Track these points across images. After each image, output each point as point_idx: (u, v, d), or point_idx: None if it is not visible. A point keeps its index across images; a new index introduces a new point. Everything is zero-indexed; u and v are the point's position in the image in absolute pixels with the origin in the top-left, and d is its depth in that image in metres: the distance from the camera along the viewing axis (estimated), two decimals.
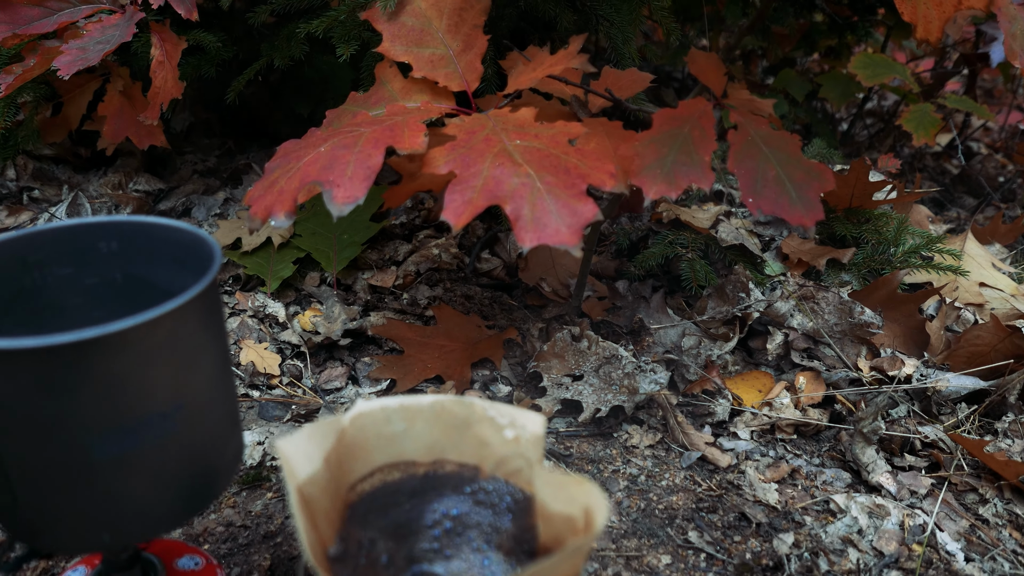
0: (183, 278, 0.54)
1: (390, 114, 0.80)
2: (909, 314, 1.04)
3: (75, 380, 0.40)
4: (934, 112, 1.69)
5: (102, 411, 0.42)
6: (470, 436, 0.55)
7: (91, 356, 0.40)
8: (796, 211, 0.74)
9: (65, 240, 0.53)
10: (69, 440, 0.41)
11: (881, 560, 0.74)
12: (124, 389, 0.42)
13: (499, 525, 0.53)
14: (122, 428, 0.42)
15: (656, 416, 0.92)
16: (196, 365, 0.46)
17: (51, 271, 0.53)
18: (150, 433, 0.44)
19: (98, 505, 0.44)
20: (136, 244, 0.54)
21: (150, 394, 0.43)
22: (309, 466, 0.47)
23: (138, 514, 0.46)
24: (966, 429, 0.93)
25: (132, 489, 0.45)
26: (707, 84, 0.81)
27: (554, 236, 0.65)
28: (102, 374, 0.41)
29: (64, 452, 0.41)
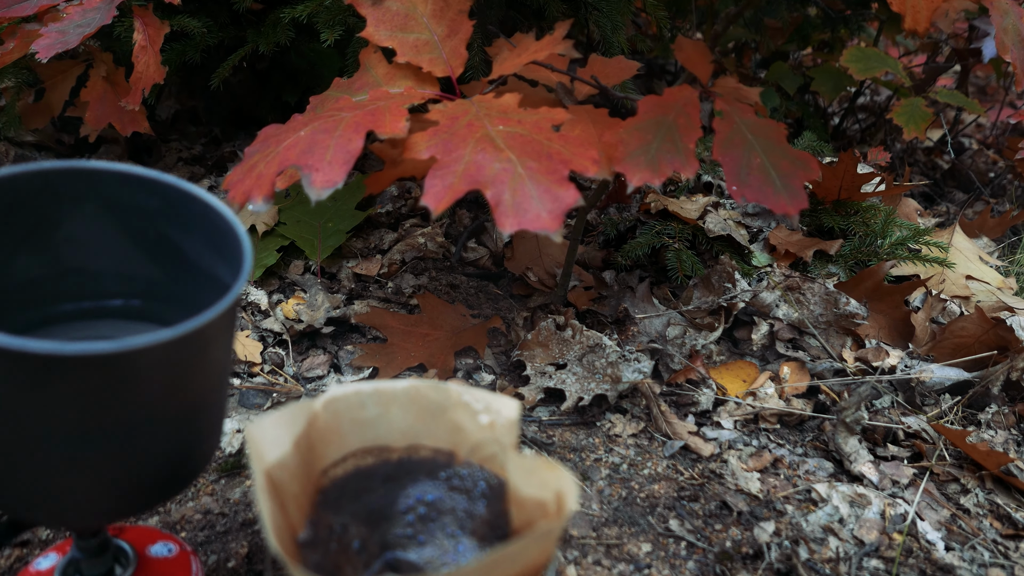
0: (211, 259, 0.52)
1: (373, 99, 0.79)
2: (895, 305, 1.04)
3: (96, 385, 0.38)
4: (925, 107, 1.68)
5: (105, 411, 0.40)
6: (445, 421, 0.55)
7: (120, 366, 0.38)
8: (780, 200, 0.74)
9: (108, 183, 0.50)
10: (32, 436, 0.40)
11: (861, 549, 0.74)
12: (133, 393, 0.40)
13: (473, 511, 0.53)
14: (118, 427, 0.41)
15: (640, 405, 0.92)
16: (208, 371, 0.45)
17: (83, 208, 0.50)
18: (144, 431, 0.43)
19: (76, 489, 0.43)
20: (177, 209, 0.52)
21: (157, 398, 0.42)
22: (277, 450, 0.47)
23: (117, 498, 0.45)
24: (949, 420, 0.93)
25: (112, 477, 0.44)
26: (693, 72, 0.81)
27: (535, 222, 0.65)
28: (122, 379, 0.39)
29: (46, 441, 0.40)
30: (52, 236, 0.51)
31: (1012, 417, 0.94)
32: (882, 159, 1.50)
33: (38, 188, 0.48)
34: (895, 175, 1.79)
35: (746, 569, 0.71)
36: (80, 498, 0.44)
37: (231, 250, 0.49)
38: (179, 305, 0.55)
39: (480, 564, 0.37)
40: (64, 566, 0.56)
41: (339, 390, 0.53)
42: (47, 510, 0.44)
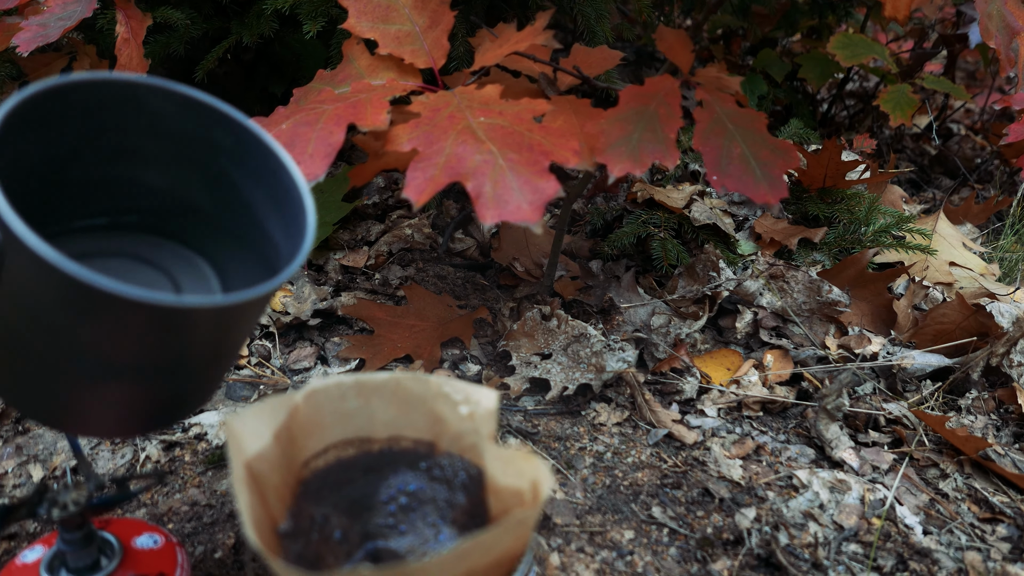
0: (268, 214, 0.52)
1: (355, 91, 0.80)
2: (878, 293, 1.05)
3: (106, 319, 0.39)
4: (911, 93, 1.69)
5: (106, 347, 0.41)
6: (426, 412, 0.56)
7: (140, 312, 0.39)
8: (760, 189, 0.75)
9: (191, 109, 0.49)
10: (64, 353, 0.41)
11: (841, 534, 0.75)
12: (140, 341, 0.41)
13: (454, 500, 0.54)
14: (114, 364, 0.42)
15: (624, 394, 0.93)
16: (218, 344, 0.46)
17: (158, 124, 0.50)
18: (137, 376, 0.44)
19: (98, 408, 0.45)
20: (249, 154, 0.51)
21: (158, 351, 0.42)
22: (258, 442, 0.47)
23: (133, 418, 0.47)
24: (930, 406, 0.94)
25: (116, 405, 0.46)
26: (675, 61, 0.81)
27: (515, 213, 0.65)
28: (135, 324, 0.40)
29: (57, 360, 0.42)
30: (120, 143, 0.50)
31: (992, 402, 0.95)
32: (867, 146, 1.51)
33: (125, 97, 0.47)
34: (880, 162, 1.80)
35: (727, 555, 0.72)
36: (102, 416, 0.46)
37: (292, 215, 0.49)
38: (220, 234, 0.56)
39: (453, 553, 0.38)
40: (50, 559, 0.56)
41: (320, 382, 0.54)
42: (72, 422, 0.47)
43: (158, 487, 0.76)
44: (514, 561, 0.46)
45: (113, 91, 0.46)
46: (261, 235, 0.53)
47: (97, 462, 0.79)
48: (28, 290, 0.38)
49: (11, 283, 0.39)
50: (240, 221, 0.54)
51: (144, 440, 0.81)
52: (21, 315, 0.40)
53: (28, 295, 0.38)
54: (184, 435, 0.82)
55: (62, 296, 0.37)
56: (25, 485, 0.76)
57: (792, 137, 1.49)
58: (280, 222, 0.51)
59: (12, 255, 0.37)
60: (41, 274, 0.36)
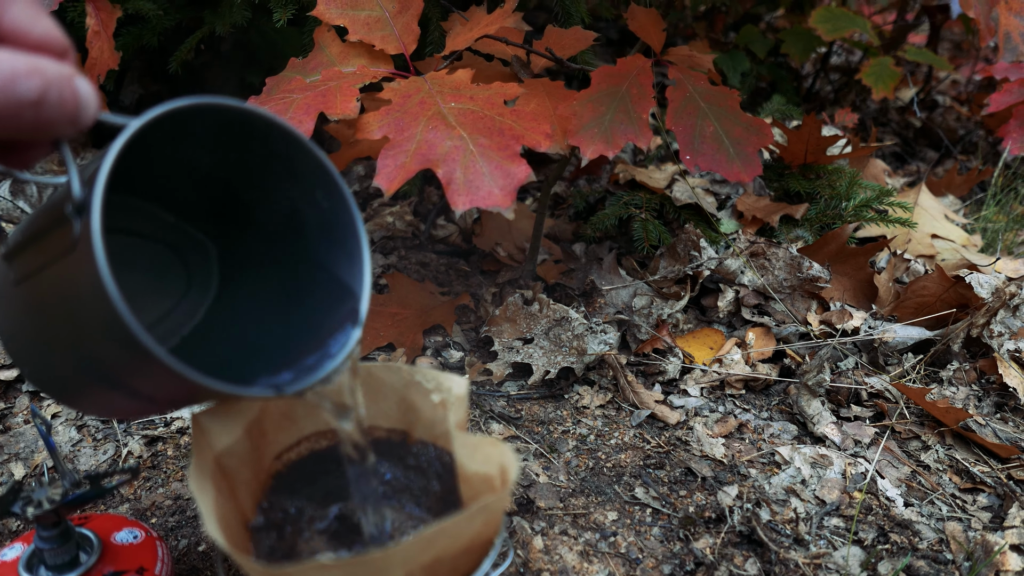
0: (330, 266, 0.51)
1: (325, 79, 0.79)
2: (859, 267, 1.05)
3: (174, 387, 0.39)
4: (894, 65, 1.68)
5: (153, 391, 0.41)
6: (398, 401, 0.55)
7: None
8: (734, 167, 0.74)
9: (308, 161, 0.47)
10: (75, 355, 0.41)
11: (822, 508, 0.76)
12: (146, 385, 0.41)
13: (428, 488, 0.54)
14: (152, 397, 0.43)
15: (607, 376, 0.93)
16: None
17: (273, 170, 0.48)
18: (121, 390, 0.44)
19: (77, 394, 0.45)
20: (337, 222, 0.49)
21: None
22: (227, 437, 0.47)
23: (116, 412, 0.47)
24: (911, 379, 0.95)
25: (118, 404, 0.46)
26: (646, 40, 0.80)
27: (487, 199, 0.65)
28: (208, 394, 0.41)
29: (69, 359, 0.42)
30: (233, 175, 0.49)
31: (973, 373, 0.96)
32: (850, 120, 1.51)
33: (261, 134, 0.46)
34: (863, 136, 1.79)
35: (709, 533, 0.73)
36: (102, 406, 0.46)
37: (352, 284, 0.48)
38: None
39: (418, 540, 0.38)
40: (28, 556, 0.56)
41: None
42: (70, 402, 0.47)
43: (138, 482, 0.76)
44: (485, 547, 0.46)
45: (246, 122, 0.45)
46: (310, 304, 0.52)
47: (79, 459, 0.79)
48: (77, 291, 0.37)
49: (66, 271, 0.38)
50: (298, 278, 0.53)
51: (126, 436, 0.81)
52: (59, 300, 0.39)
53: (75, 294, 0.38)
54: (166, 429, 0.82)
55: (107, 324, 0.37)
56: (7, 483, 0.76)
57: (774, 113, 1.49)
58: (331, 304, 0.50)
59: (81, 255, 0.36)
60: (96, 295, 0.35)
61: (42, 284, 0.40)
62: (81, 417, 0.83)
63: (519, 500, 0.75)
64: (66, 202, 0.36)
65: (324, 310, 0.49)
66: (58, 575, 0.55)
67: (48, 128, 0.32)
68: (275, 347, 0.49)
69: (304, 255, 0.52)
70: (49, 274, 0.39)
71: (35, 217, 0.42)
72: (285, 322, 0.50)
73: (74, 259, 0.36)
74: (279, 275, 0.53)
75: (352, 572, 0.37)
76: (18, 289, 0.41)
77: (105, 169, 0.35)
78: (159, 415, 0.49)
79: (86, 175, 0.36)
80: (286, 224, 0.51)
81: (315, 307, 0.50)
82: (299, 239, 0.51)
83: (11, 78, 0.30)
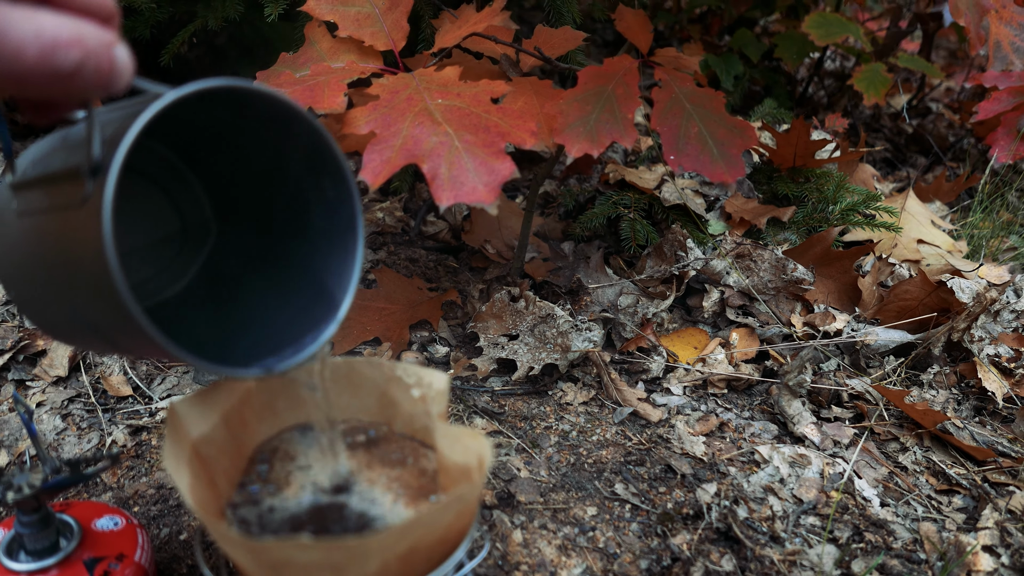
0: (323, 257, 0.52)
1: (313, 74, 0.79)
2: (844, 270, 1.06)
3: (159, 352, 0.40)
4: (885, 72, 1.69)
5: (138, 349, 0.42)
6: (379, 396, 0.56)
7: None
8: (718, 168, 0.75)
9: (320, 149, 0.47)
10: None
11: (800, 507, 0.77)
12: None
13: (407, 480, 0.54)
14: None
15: (591, 374, 0.94)
16: None
17: (288, 154, 0.49)
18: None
19: (64, 328, 0.46)
20: (342, 207, 0.50)
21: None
22: (204, 424, 0.48)
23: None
24: (892, 381, 0.96)
25: (87, 340, 0.46)
26: (633, 41, 0.81)
27: (471, 194, 0.65)
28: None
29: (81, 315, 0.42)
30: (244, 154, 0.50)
31: (953, 377, 0.97)
32: (840, 125, 1.52)
33: (285, 120, 0.47)
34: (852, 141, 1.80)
35: (687, 529, 0.74)
36: (87, 342, 0.47)
37: (345, 269, 0.50)
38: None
39: (394, 529, 0.39)
40: (8, 541, 0.57)
41: None
42: (60, 338, 0.48)
43: (121, 471, 0.77)
44: (460, 538, 0.47)
45: (280, 110, 0.46)
46: (304, 284, 0.53)
47: (63, 447, 0.79)
48: (78, 245, 0.38)
49: (70, 221, 0.38)
50: (292, 255, 0.54)
51: (111, 425, 0.82)
52: (57, 243, 0.39)
53: (75, 245, 0.38)
54: (151, 419, 0.83)
55: (100, 284, 0.37)
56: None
57: (765, 117, 1.50)
58: (320, 287, 0.51)
59: (89, 211, 0.36)
60: (95, 255, 0.36)
61: (44, 226, 0.40)
62: (66, 406, 0.83)
63: (500, 494, 0.76)
64: (83, 159, 0.36)
65: (306, 306, 0.50)
66: (38, 560, 0.55)
67: (79, 94, 0.32)
68: (255, 328, 0.50)
69: (300, 255, 0.53)
70: (53, 218, 0.39)
71: (48, 153, 0.42)
72: (265, 306, 0.51)
73: (80, 216, 0.37)
74: (269, 268, 0.54)
75: (329, 554, 0.37)
76: (20, 220, 0.42)
77: (128, 139, 0.36)
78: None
79: (107, 133, 0.37)
80: (291, 214, 0.52)
81: (298, 302, 0.51)
82: (302, 230, 0.52)
83: (52, 47, 0.30)
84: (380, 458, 0.56)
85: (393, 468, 0.54)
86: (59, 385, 0.86)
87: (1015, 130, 1.42)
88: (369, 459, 0.55)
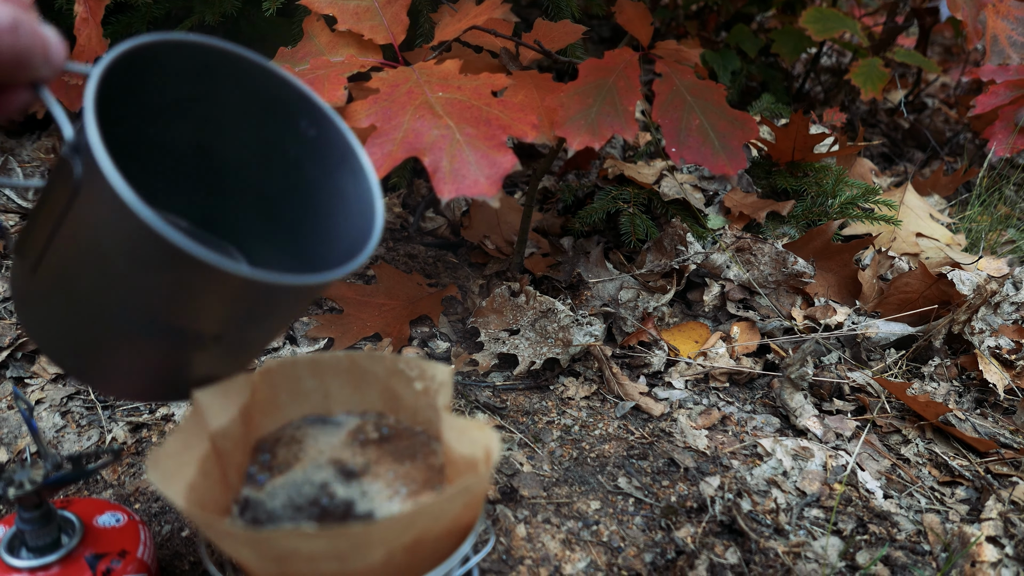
0: (332, 210, 0.50)
1: (313, 68, 0.79)
2: (844, 264, 1.06)
3: (178, 279, 0.38)
4: (882, 67, 1.70)
5: (164, 306, 0.40)
6: (381, 390, 0.56)
7: (214, 278, 0.38)
8: (719, 160, 0.75)
9: (285, 92, 0.47)
10: (119, 306, 0.40)
11: (803, 499, 0.77)
12: (194, 303, 0.40)
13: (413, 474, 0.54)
14: (161, 323, 0.41)
15: (592, 368, 0.94)
16: (261, 322, 0.45)
17: (249, 103, 0.48)
18: (178, 340, 0.43)
19: (110, 361, 0.45)
20: (329, 148, 0.49)
21: (207, 316, 0.42)
22: (224, 417, 0.47)
23: (138, 383, 0.47)
24: (893, 374, 0.96)
25: (145, 367, 0.45)
26: (634, 34, 0.81)
27: (472, 187, 0.65)
28: (199, 287, 0.39)
29: (110, 312, 0.41)
30: (208, 113, 0.49)
31: (954, 369, 0.97)
32: (837, 120, 1.52)
33: (229, 67, 0.45)
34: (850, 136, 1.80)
35: (690, 522, 0.73)
36: (127, 377, 0.45)
37: (360, 212, 0.48)
38: (262, 220, 0.55)
39: (399, 519, 0.38)
40: (10, 538, 0.56)
41: (275, 361, 0.54)
42: (100, 377, 0.46)
43: (122, 468, 0.76)
44: (466, 531, 0.47)
45: (219, 59, 0.45)
46: (313, 227, 0.52)
47: (63, 445, 0.79)
48: (96, 230, 0.37)
49: (79, 219, 0.38)
50: (296, 210, 0.53)
51: (110, 422, 0.81)
52: (80, 253, 0.39)
53: (94, 235, 0.37)
54: (151, 416, 0.82)
55: (133, 244, 0.36)
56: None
57: (763, 111, 1.50)
58: (343, 219, 0.50)
59: (89, 190, 0.36)
60: (116, 218, 0.35)
61: (60, 249, 0.40)
62: (65, 403, 0.83)
63: (503, 489, 0.75)
64: (63, 151, 0.36)
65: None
66: (39, 556, 0.55)
67: (25, 60, 0.34)
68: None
69: (311, 210, 0.52)
70: (64, 233, 0.39)
71: (35, 205, 0.42)
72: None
73: (83, 199, 0.36)
74: (283, 236, 0.54)
75: (333, 543, 0.37)
76: (38, 273, 0.41)
77: (93, 79, 0.36)
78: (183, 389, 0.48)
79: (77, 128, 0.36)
80: (291, 179, 0.52)
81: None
82: (304, 192, 0.51)
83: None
84: (385, 451, 0.55)
85: (399, 462, 0.54)
86: (58, 382, 0.85)
87: (1013, 124, 1.42)
88: (374, 452, 0.55)
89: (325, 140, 0.49)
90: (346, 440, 0.54)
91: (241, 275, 0.37)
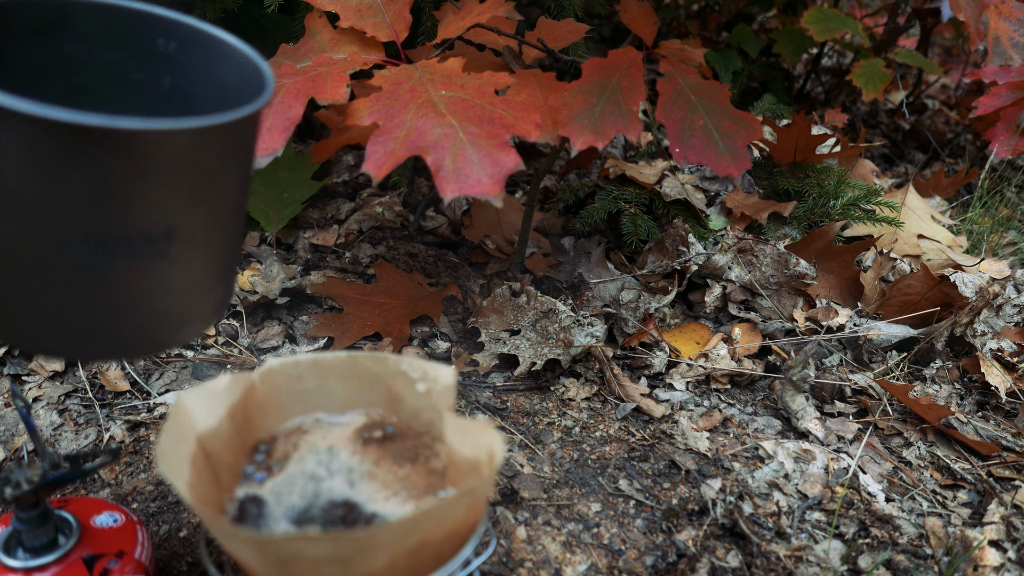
0: (228, 106, 0.48)
1: (315, 65, 0.78)
2: (845, 265, 1.06)
3: (82, 168, 0.36)
4: (884, 67, 1.69)
5: (89, 211, 0.37)
6: (383, 391, 0.55)
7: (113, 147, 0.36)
8: (723, 160, 0.75)
9: (123, 19, 0.47)
10: (44, 232, 0.38)
11: (804, 502, 0.76)
12: (120, 194, 0.38)
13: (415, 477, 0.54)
14: (101, 237, 0.38)
15: (593, 369, 0.93)
16: (203, 199, 0.42)
17: (98, 50, 0.48)
18: (129, 251, 0.40)
19: (61, 311, 0.40)
20: (196, 53, 0.48)
21: (143, 210, 0.39)
22: (211, 418, 0.47)
23: (102, 332, 0.42)
24: (895, 376, 0.95)
25: (97, 306, 0.41)
26: (638, 33, 0.80)
27: (475, 187, 0.65)
28: (111, 170, 0.37)
29: (37, 244, 0.38)
30: (64, 79, 0.48)
31: (956, 372, 0.97)
32: (839, 120, 1.51)
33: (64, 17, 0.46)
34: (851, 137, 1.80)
35: (692, 525, 0.73)
36: (97, 326, 0.41)
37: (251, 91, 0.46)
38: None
39: (403, 522, 0.38)
40: (6, 538, 0.56)
41: (277, 361, 0.54)
42: (73, 338, 0.42)
43: (119, 467, 0.76)
44: (469, 533, 0.46)
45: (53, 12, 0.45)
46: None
47: (60, 443, 0.78)
48: None
49: None
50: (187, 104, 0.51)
51: (108, 421, 0.81)
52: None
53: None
54: (149, 415, 0.82)
55: (24, 149, 0.34)
56: None
57: (765, 112, 1.50)
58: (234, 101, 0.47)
59: None
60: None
61: None
62: (63, 401, 0.82)
63: (503, 490, 0.75)
64: None
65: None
66: (36, 557, 0.54)
67: None
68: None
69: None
70: None
71: None
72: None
73: None
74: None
75: (337, 547, 0.37)
76: None
77: None
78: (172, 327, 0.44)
79: None
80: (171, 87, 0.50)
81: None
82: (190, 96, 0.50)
83: None
84: (387, 452, 0.55)
85: (401, 463, 0.53)
86: (55, 380, 0.85)
87: (1015, 125, 1.42)
88: (375, 453, 0.54)
89: (189, 49, 0.48)
90: (348, 440, 0.54)
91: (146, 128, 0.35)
